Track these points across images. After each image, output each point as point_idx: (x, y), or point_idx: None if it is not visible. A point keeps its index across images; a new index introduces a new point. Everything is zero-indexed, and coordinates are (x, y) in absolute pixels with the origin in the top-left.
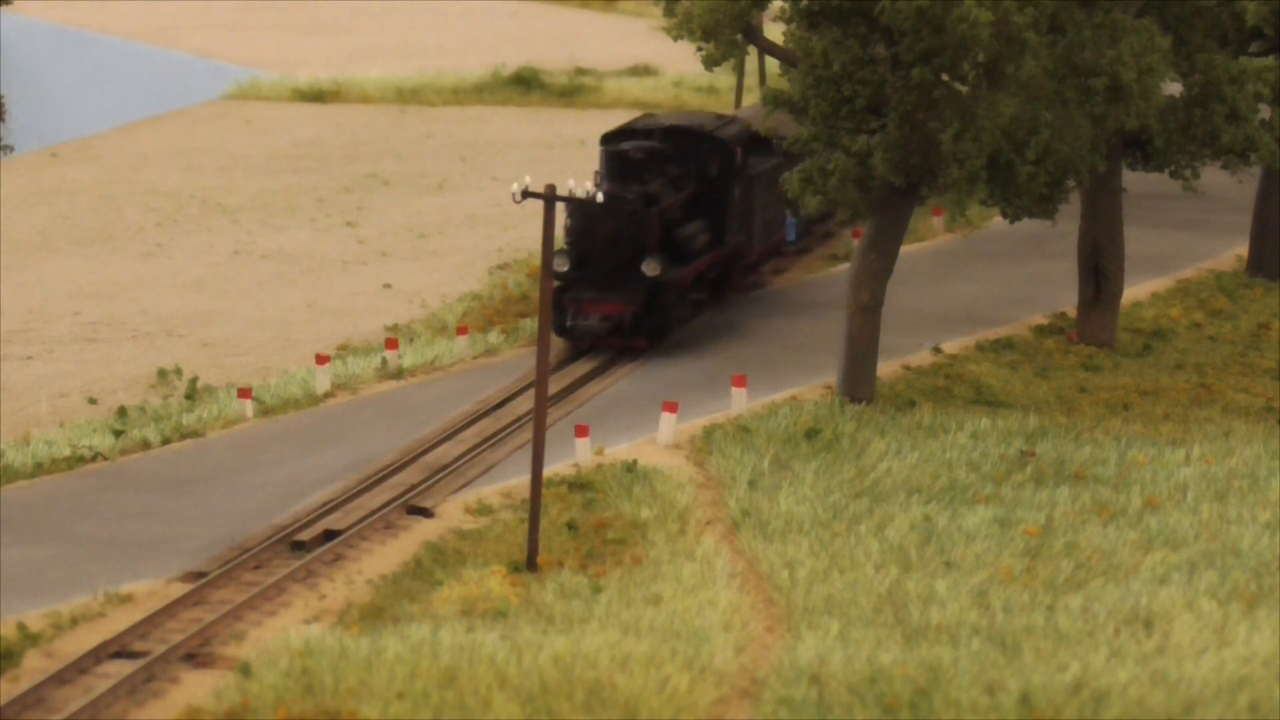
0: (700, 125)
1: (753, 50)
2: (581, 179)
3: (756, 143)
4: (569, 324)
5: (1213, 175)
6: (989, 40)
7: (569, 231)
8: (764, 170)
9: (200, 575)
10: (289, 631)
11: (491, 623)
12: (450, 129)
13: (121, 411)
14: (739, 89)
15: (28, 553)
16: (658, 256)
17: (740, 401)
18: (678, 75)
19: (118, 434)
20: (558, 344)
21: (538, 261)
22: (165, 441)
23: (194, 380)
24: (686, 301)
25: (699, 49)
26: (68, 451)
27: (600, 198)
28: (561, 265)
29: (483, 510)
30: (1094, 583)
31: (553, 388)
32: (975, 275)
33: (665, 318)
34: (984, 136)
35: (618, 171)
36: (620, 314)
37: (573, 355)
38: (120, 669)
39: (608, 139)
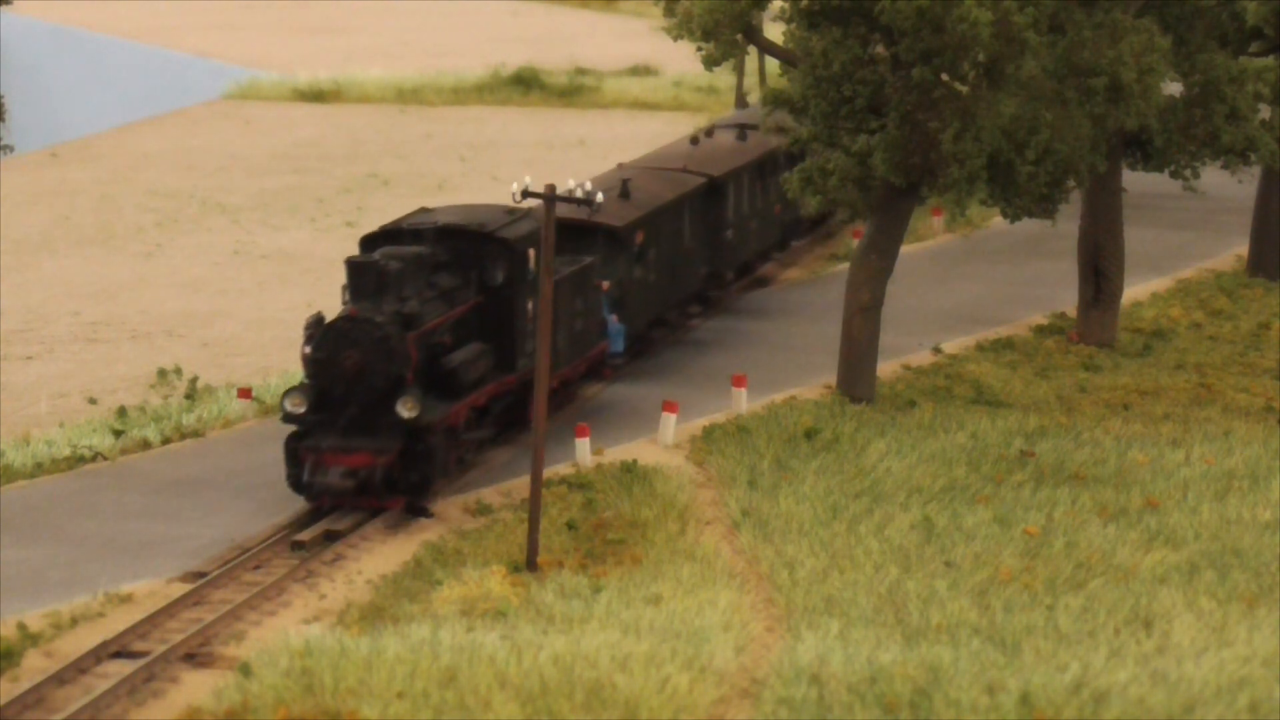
0: (482, 224)
1: (753, 50)
2: (581, 179)
3: (561, 238)
4: (305, 480)
5: (1213, 175)
6: (989, 40)
7: (307, 362)
8: (571, 273)
9: (200, 575)
10: (289, 631)
11: (491, 623)
12: (450, 129)
13: (121, 411)
14: (739, 89)
15: (28, 553)
16: (416, 392)
17: (740, 401)
18: (678, 75)
19: (118, 434)
20: (296, 502)
21: None
22: (165, 441)
23: (194, 380)
24: (459, 445)
25: (699, 49)
26: (68, 451)
27: (599, 199)
28: (296, 406)
29: (482, 510)
30: (1094, 583)
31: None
32: (975, 275)
33: (427, 469)
34: (984, 136)
35: (368, 287)
36: (369, 466)
37: (317, 514)
38: (120, 669)
39: (365, 243)
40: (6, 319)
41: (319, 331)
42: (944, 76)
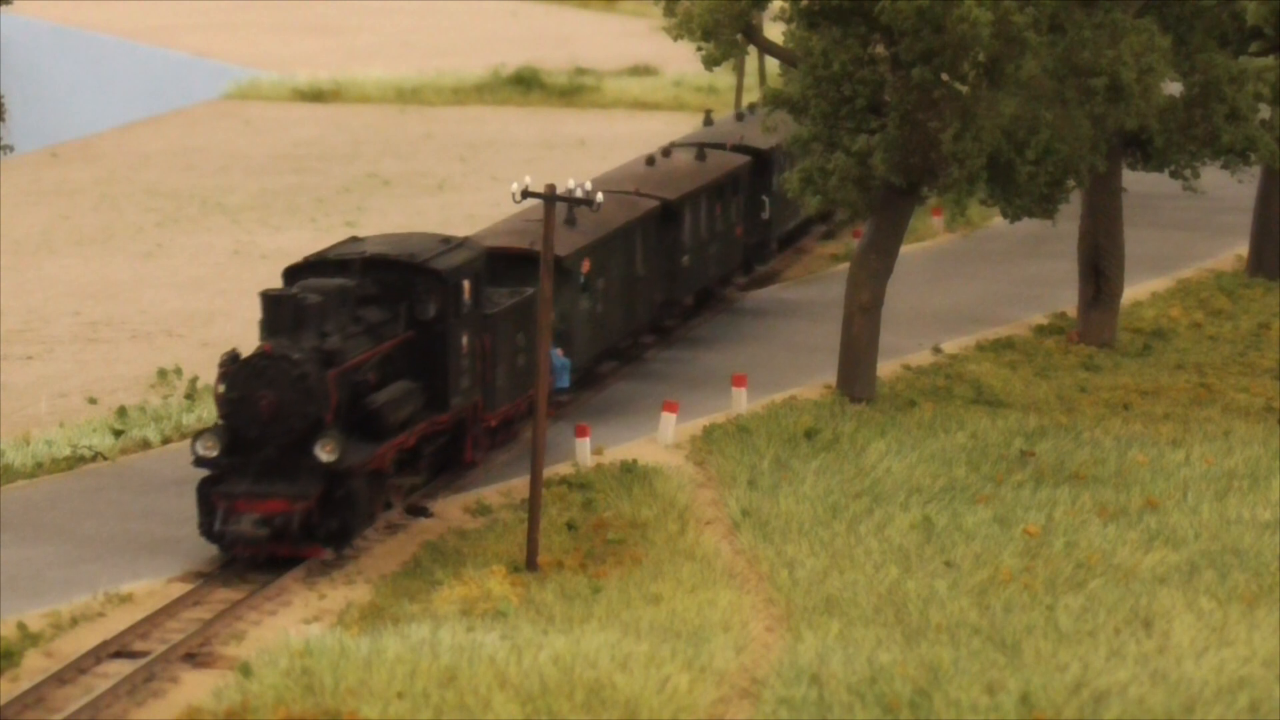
0: (412, 254)
1: (753, 50)
2: (581, 179)
3: (503, 268)
4: (217, 529)
5: (1213, 175)
6: (989, 40)
7: (220, 402)
8: (511, 306)
9: (200, 575)
10: (289, 631)
11: (491, 623)
12: (450, 129)
13: (121, 411)
14: (739, 89)
15: (28, 553)
16: (336, 434)
17: (740, 401)
18: (678, 75)
19: (118, 434)
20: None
21: None
22: (165, 441)
23: (194, 380)
24: (385, 489)
25: (699, 49)
26: (68, 451)
27: (599, 199)
28: (208, 449)
29: (482, 510)
30: (1094, 583)
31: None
32: (975, 275)
33: (349, 516)
34: (984, 136)
35: (285, 322)
36: (285, 514)
37: (244, 560)
38: (120, 669)
39: (288, 275)
40: (6, 319)
41: (233, 369)
42: (944, 76)
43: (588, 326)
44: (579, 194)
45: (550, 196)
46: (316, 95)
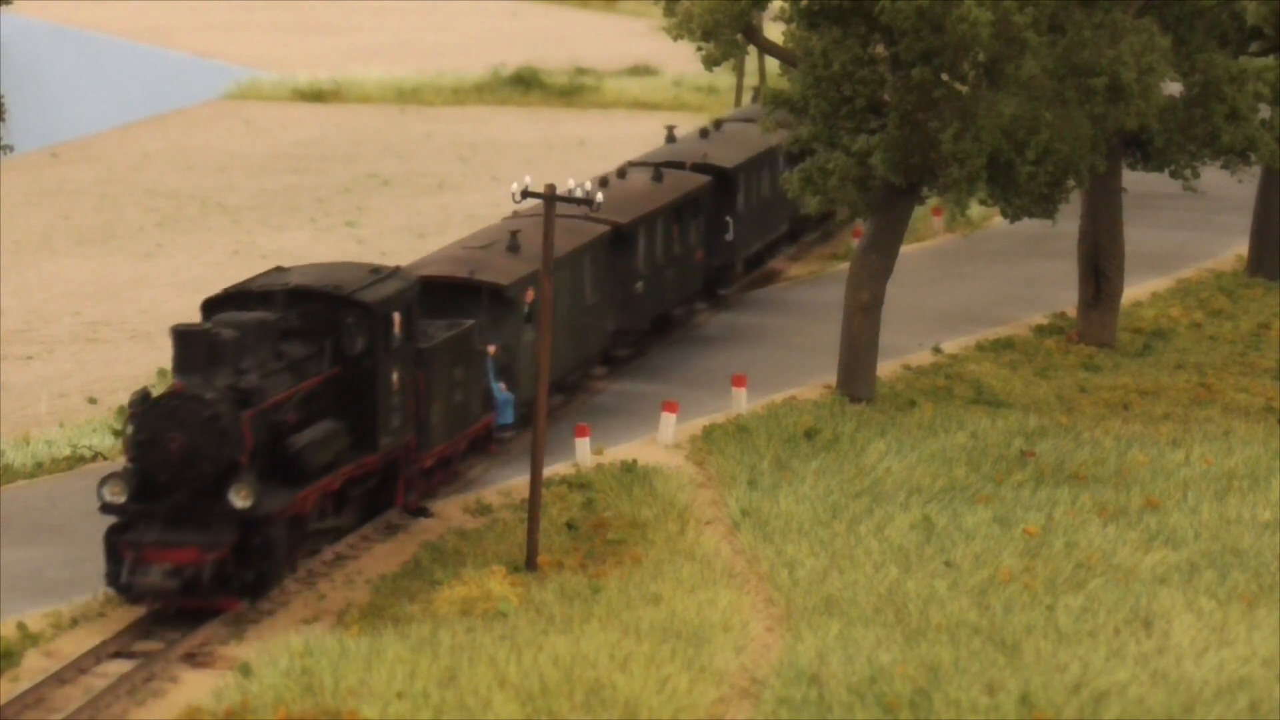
0: (338, 285)
1: (753, 50)
2: (581, 179)
3: (442, 298)
4: (124, 580)
5: (1213, 175)
6: (989, 40)
7: (128, 444)
8: (447, 339)
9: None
10: (289, 631)
11: (491, 623)
12: (450, 129)
13: (121, 411)
14: (739, 89)
15: (28, 553)
16: (251, 479)
17: (740, 401)
18: (678, 75)
19: (117, 434)
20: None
21: None
22: None
23: None
24: (307, 536)
25: (699, 49)
26: (68, 451)
27: (598, 199)
28: (115, 494)
29: (482, 510)
30: (1094, 583)
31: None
32: (975, 275)
33: (266, 566)
34: (984, 136)
35: (198, 359)
36: (197, 563)
37: (157, 616)
38: (120, 669)
39: (207, 307)
40: (6, 319)
41: (142, 410)
42: (944, 76)
43: (532, 359)
44: (579, 194)
45: (550, 197)
46: (316, 95)
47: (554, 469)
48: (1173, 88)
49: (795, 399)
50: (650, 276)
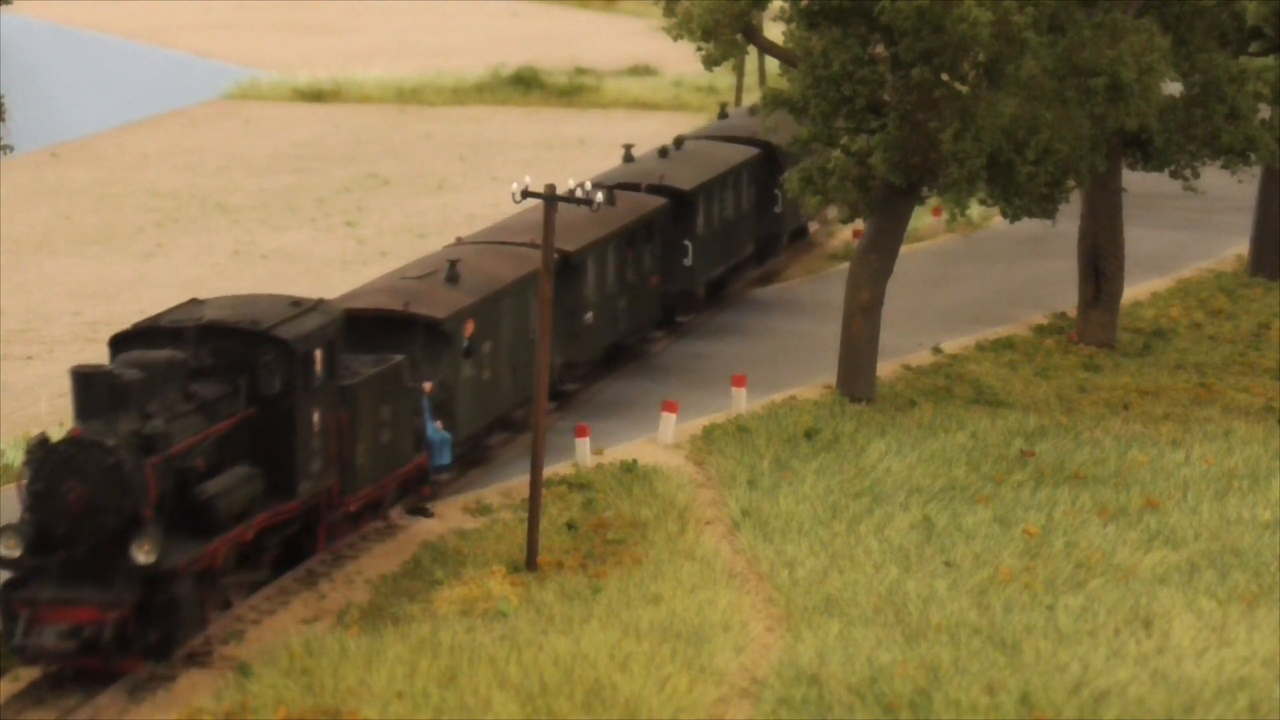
0: (254, 321)
1: (753, 50)
2: (581, 179)
3: (375, 331)
4: (16, 642)
5: (1213, 175)
6: (989, 40)
7: (23, 495)
8: (373, 375)
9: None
10: (289, 631)
11: (491, 623)
12: (450, 129)
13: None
14: (739, 89)
15: None
16: (155, 532)
17: (740, 401)
18: (678, 75)
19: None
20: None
21: None
22: None
23: None
24: (218, 590)
25: (699, 49)
26: None
27: (599, 199)
28: (10, 549)
29: (482, 510)
30: (1094, 583)
31: None
32: (975, 275)
33: (171, 625)
34: (984, 136)
35: (100, 402)
36: (96, 623)
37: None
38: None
39: (115, 344)
40: (6, 319)
41: (38, 457)
42: (944, 76)
43: (472, 396)
44: (579, 194)
45: (550, 197)
46: (316, 95)
47: (554, 469)
48: (1173, 88)
49: (795, 399)
50: (601, 306)
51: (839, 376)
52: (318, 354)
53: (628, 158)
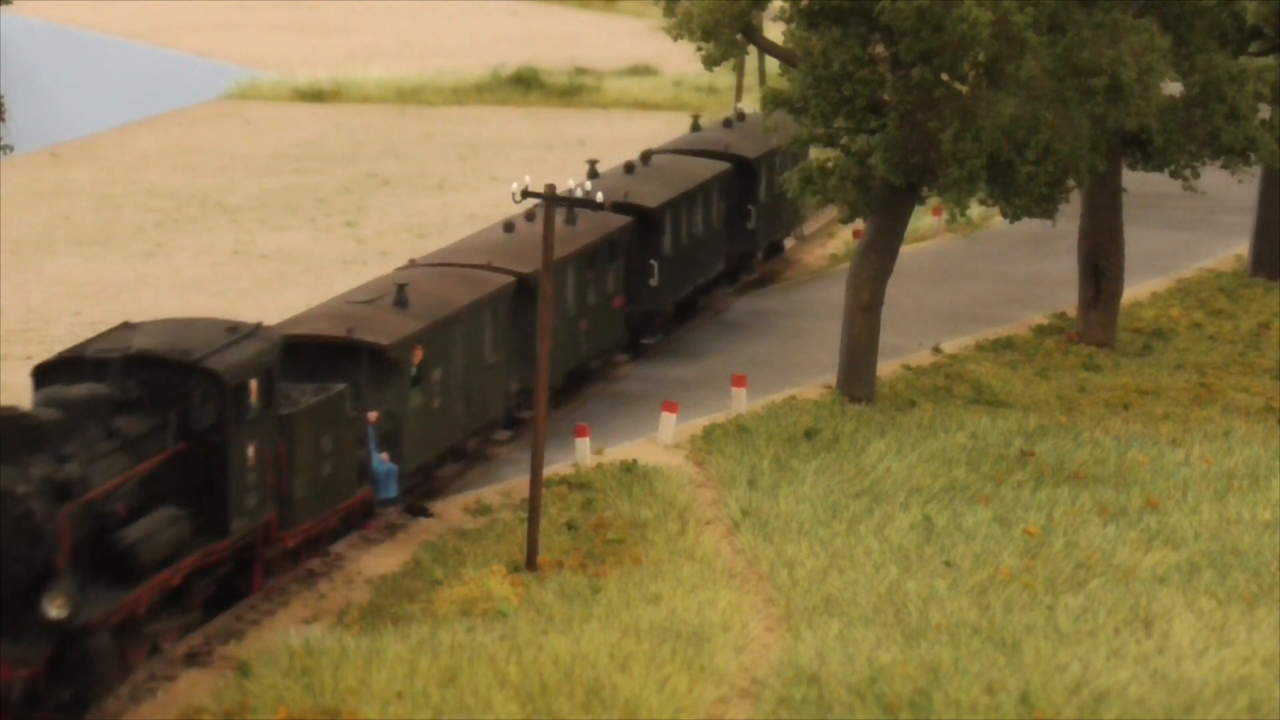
0: (184, 351)
1: (753, 50)
2: (581, 180)
3: (319, 359)
4: None
5: (1213, 175)
6: (989, 40)
7: None
8: (314, 405)
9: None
10: (289, 631)
11: (491, 623)
12: (450, 129)
13: None
14: (739, 89)
15: None
16: (69, 584)
17: (740, 401)
18: (678, 75)
19: None
20: None
21: None
22: None
23: None
24: (141, 640)
25: (699, 49)
26: None
27: (599, 198)
28: None
29: (482, 510)
30: (1094, 583)
31: None
32: (975, 275)
33: (86, 682)
34: (984, 136)
35: (14, 445)
36: (4, 681)
37: None
38: None
39: (38, 375)
40: (6, 319)
41: None
42: (944, 76)
43: (420, 425)
44: (579, 194)
45: (550, 197)
46: (316, 95)
47: (554, 469)
48: (1173, 88)
49: (795, 399)
50: (561, 328)
51: (839, 376)
52: (253, 384)
53: (592, 173)
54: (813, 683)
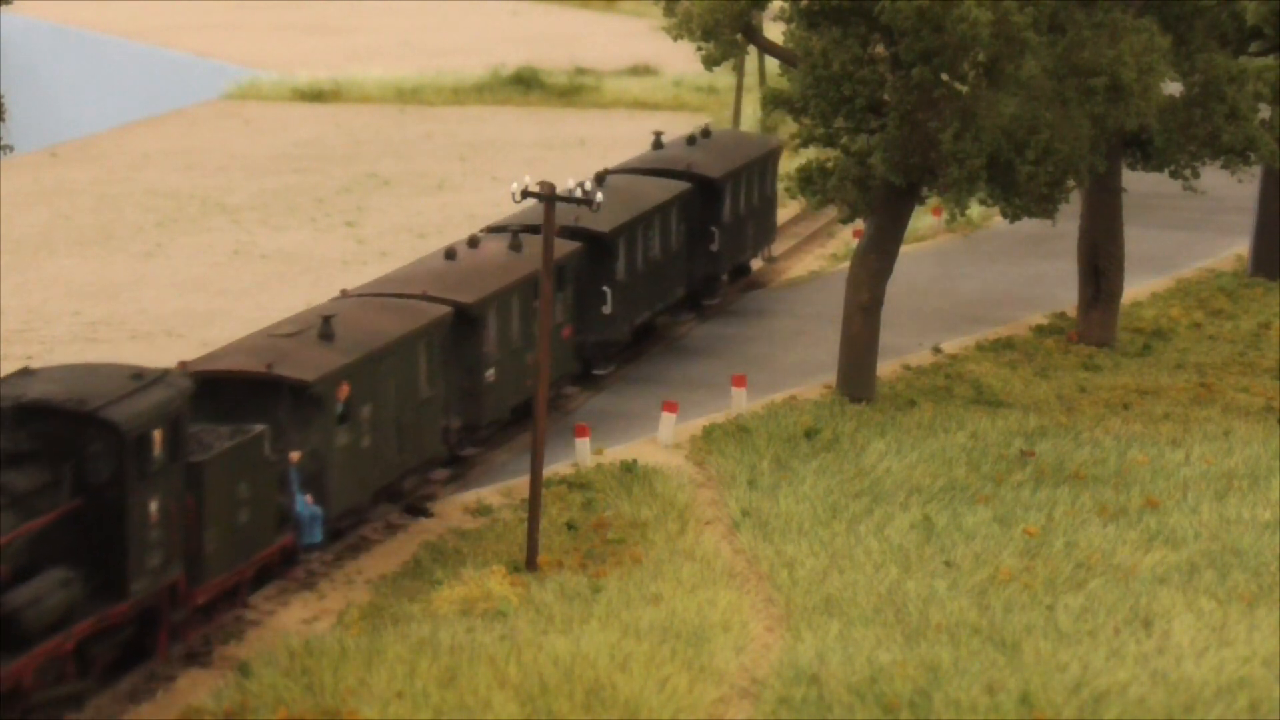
0: (81, 400)
1: (753, 50)
2: (582, 179)
3: (238, 396)
4: None
5: (1213, 175)
6: (989, 40)
7: None
8: (228, 450)
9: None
10: (289, 631)
11: (491, 623)
12: (450, 129)
13: None
14: (739, 89)
15: None
16: None
17: (740, 401)
18: (678, 75)
19: None
20: None
21: None
22: None
23: None
24: (30, 709)
25: (699, 49)
26: None
27: (599, 199)
28: None
29: (482, 510)
30: (1094, 583)
31: None
32: (975, 275)
33: None
34: (984, 136)
35: None
36: None
37: None
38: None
39: None
40: (6, 319)
41: None
42: (944, 76)
43: (347, 466)
44: (579, 194)
45: (550, 197)
46: (316, 95)
47: (554, 469)
48: (1173, 88)
49: (795, 399)
50: (504, 361)
51: (839, 376)
52: (156, 434)
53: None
54: (813, 683)
